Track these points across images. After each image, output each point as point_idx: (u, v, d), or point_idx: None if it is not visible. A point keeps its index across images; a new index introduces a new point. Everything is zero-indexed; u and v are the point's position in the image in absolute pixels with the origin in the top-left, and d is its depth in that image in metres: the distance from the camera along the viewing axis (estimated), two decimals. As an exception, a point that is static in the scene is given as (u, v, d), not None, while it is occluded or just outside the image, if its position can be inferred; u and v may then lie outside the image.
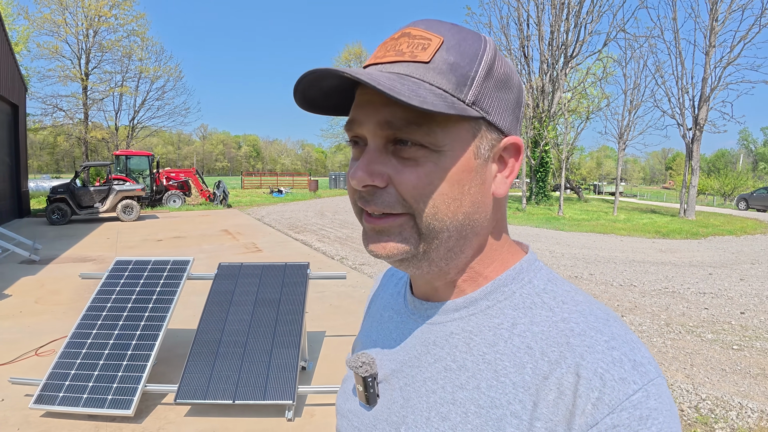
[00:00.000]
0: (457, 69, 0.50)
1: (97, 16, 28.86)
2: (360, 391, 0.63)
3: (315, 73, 0.49)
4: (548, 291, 0.56)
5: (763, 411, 3.55)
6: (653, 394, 0.46)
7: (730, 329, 5.49)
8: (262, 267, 4.17)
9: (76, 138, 31.14)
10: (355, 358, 0.64)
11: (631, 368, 0.46)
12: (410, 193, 0.51)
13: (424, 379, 0.57)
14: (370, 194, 0.53)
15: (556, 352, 0.49)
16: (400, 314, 0.66)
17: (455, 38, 0.51)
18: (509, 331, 0.53)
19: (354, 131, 0.54)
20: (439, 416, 0.54)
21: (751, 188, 38.54)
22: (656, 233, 15.08)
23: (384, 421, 0.60)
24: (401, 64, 0.51)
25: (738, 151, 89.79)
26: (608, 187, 49.09)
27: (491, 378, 0.52)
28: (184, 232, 12.29)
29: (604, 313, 0.53)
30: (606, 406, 0.45)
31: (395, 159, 0.52)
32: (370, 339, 0.69)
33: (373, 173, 0.51)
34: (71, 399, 3.16)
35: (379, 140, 0.52)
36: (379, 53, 0.54)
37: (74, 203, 14.11)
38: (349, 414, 0.66)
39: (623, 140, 24.70)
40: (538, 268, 0.59)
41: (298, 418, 3.28)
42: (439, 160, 0.51)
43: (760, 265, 9.79)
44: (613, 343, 0.48)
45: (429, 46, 0.51)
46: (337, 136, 52.38)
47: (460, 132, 0.51)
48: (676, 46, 21.29)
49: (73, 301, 5.94)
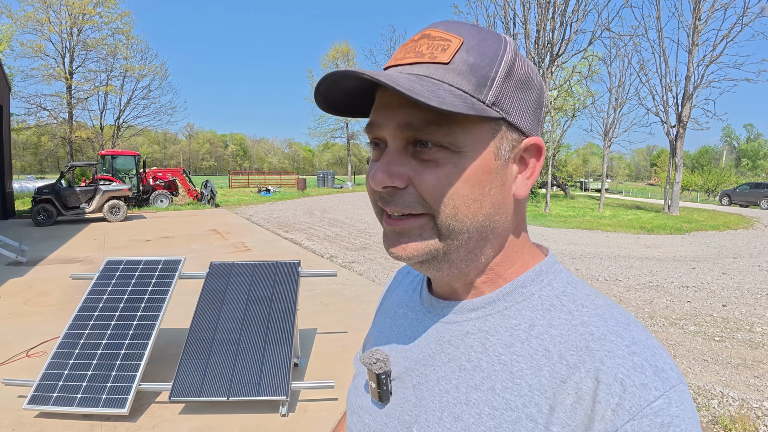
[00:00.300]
0: (477, 70, 0.50)
1: (81, 14, 28.49)
2: (373, 388, 0.63)
3: (335, 74, 0.50)
4: (568, 294, 0.55)
5: (744, 400, 3.67)
6: (675, 400, 0.45)
7: (712, 321, 5.64)
8: (254, 265, 4.21)
9: (61, 138, 30.71)
10: (369, 354, 0.63)
11: (652, 374, 0.46)
12: (430, 194, 0.51)
13: (438, 378, 0.56)
14: (390, 195, 0.52)
15: (575, 356, 0.49)
16: (416, 312, 0.65)
17: (475, 39, 0.51)
18: (526, 332, 0.53)
19: (374, 133, 0.54)
20: (452, 416, 0.53)
21: (734, 184, 39.17)
22: (641, 229, 15.31)
23: (396, 420, 0.60)
24: (421, 65, 0.51)
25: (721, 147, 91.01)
26: (594, 184, 49.55)
27: (507, 379, 0.51)
28: (173, 232, 12.24)
29: (624, 317, 0.52)
30: (626, 413, 0.44)
31: (415, 160, 0.51)
32: (384, 336, 0.69)
33: (393, 174, 0.51)
34: (65, 399, 3.18)
35: (399, 142, 0.52)
36: (399, 55, 0.53)
37: (60, 204, 13.97)
38: (360, 410, 0.66)
39: (609, 137, 25.01)
40: (558, 271, 0.58)
41: (292, 414, 3.34)
42: (459, 161, 0.50)
43: (742, 259, 10.01)
44: (634, 348, 0.48)
45: (449, 47, 0.51)
46: (324, 135, 52.21)
47: (480, 133, 0.51)
48: (659, 45, 21.62)
49: (62, 303, 5.92)
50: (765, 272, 8.52)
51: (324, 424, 3.23)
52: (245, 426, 3.18)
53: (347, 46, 51.74)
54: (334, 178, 40.00)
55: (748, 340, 5.00)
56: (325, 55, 52.23)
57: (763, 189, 26.83)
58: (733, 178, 46.68)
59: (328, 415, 3.33)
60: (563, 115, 30.03)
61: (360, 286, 6.92)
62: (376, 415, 0.63)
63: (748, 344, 4.90)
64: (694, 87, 20.69)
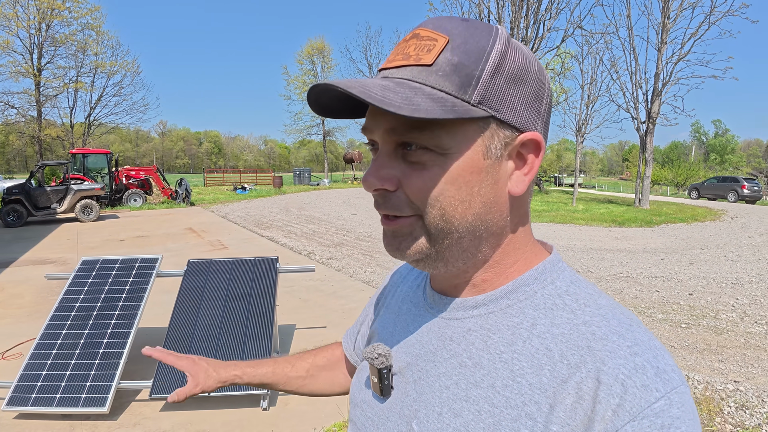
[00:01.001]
0: (461, 69, 0.49)
1: (49, 9, 27.78)
2: (374, 382, 0.63)
3: (316, 87, 0.51)
4: (571, 293, 0.55)
5: (709, 382, 3.84)
6: (676, 402, 0.44)
7: (679, 309, 5.85)
8: (232, 262, 4.23)
9: (29, 136, 29.95)
10: (371, 349, 0.63)
11: (653, 375, 0.45)
12: (417, 196, 0.52)
13: (438, 374, 0.57)
14: (382, 197, 0.54)
15: (577, 356, 0.48)
16: (418, 307, 0.66)
17: (461, 36, 0.50)
18: (528, 331, 0.53)
19: (368, 135, 0.55)
20: (451, 412, 0.53)
21: (702, 178, 40.17)
22: (613, 222, 15.65)
23: (396, 414, 0.60)
24: (406, 68, 0.51)
25: (690, 143, 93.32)
26: (568, 179, 50.28)
27: (507, 377, 0.51)
28: (147, 232, 12.09)
29: (627, 318, 0.52)
30: (627, 414, 0.44)
31: (404, 163, 0.52)
32: (387, 330, 0.69)
33: (383, 178, 0.52)
34: (44, 399, 3.16)
35: (388, 145, 0.53)
36: (390, 57, 0.54)
37: (30, 204, 13.65)
38: (362, 404, 0.66)
39: (581, 133, 25.45)
40: (561, 269, 0.58)
41: (273, 407, 3.38)
42: (445, 162, 0.51)
43: (709, 250, 10.34)
44: (635, 349, 0.47)
45: (434, 48, 0.50)
46: (300, 132, 51.86)
47: (466, 133, 0.51)
48: (630, 43, 22.09)
49: (36, 304, 5.84)
50: (730, 262, 8.83)
51: (305, 417, 3.28)
52: (227, 420, 3.21)
53: (323, 42, 51.46)
54: (310, 175, 39.85)
55: (713, 327, 5.21)
56: (300, 51, 51.85)
57: (730, 183, 27.62)
58: (702, 172, 47.85)
59: (308, 408, 3.39)
60: (537, 111, 30.35)
61: (338, 282, 6.97)
62: (377, 409, 0.63)
63: (713, 330, 5.11)
64: (663, 84, 21.20)
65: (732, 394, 3.67)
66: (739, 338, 4.88)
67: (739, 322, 5.39)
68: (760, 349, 4.59)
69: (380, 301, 0.80)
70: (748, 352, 4.53)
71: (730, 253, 9.84)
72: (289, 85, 51.19)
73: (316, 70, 50.75)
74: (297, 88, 50.03)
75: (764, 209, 21.82)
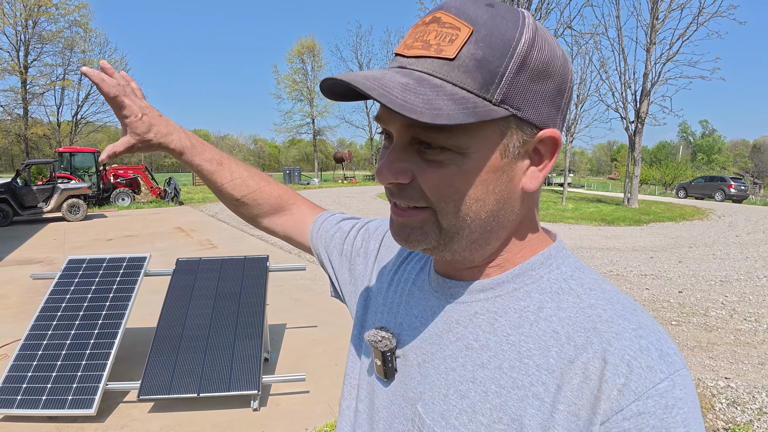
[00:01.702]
0: (485, 65, 0.47)
1: (36, 5, 27.45)
2: (378, 365, 0.63)
3: (327, 81, 0.49)
4: (576, 278, 0.55)
5: (700, 379, 3.85)
6: (679, 384, 0.45)
7: (669, 307, 5.88)
8: (222, 261, 4.18)
9: (15, 135, 29.61)
10: (374, 332, 0.63)
11: (658, 357, 0.46)
12: (432, 192, 0.51)
13: (444, 356, 0.57)
14: (396, 188, 0.53)
15: (583, 337, 0.49)
16: (423, 290, 0.66)
17: (487, 27, 0.47)
18: (535, 314, 0.53)
19: (382, 125, 0.53)
20: (457, 394, 0.54)
21: (689, 178, 40.61)
22: (602, 221, 15.75)
23: (401, 397, 0.60)
24: (426, 59, 0.48)
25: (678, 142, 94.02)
26: (557, 179, 50.55)
27: (514, 359, 0.51)
28: (135, 231, 11.96)
29: (630, 303, 0.53)
30: (632, 393, 0.45)
31: (419, 157, 0.51)
32: (391, 313, 0.68)
33: (397, 171, 0.51)
34: (30, 401, 3.10)
35: (404, 139, 0.51)
36: (408, 40, 0.51)
37: (16, 203, 13.44)
38: (367, 387, 0.67)
39: (571, 133, 25.58)
40: (566, 256, 0.58)
41: (263, 408, 3.34)
42: (463, 162, 0.49)
43: (697, 248, 10.43)
44: (640, 332, 0.48)
45: (456, 39, 0.47)
46: (290, 131, 51.68)
47: (486, 133, 0.49)
48: (619, 43, 22.29)
49: (22, 304, 5.74)
50: (719, 260, 8.91)
51: (296, 417, 3.24)
52: (217, 422, 3.16)
53: (313, 41, 51.24)
54: (300, 175, 39.72)
55: (703, 324, 5.24)
56: (291, 50, 51.58)
57: (718, 182, 27.90)
58: (689, 171, 48.30)
59: (300, 408, 3.35)
60: (527, 110, 30.51)
61: (328, 281, 6.92)
62: (381, 393, 0.64)
63: (703, 327, 5.14)
64: (652, 84, 21.38)
65: (723, 390, 3.68)
66: (728, 335, 4.91)
67: (729, 319, 5.42)
68: (749, 346, 4.62)
69: (376, 255, 0.79)
70: (737, 348, 4.56)
71: (718, 251, 9.93)
72: (279, 83, 51.11)
73: (306, 69, 50.57)
74: (287, 87, 49.84)
75: (751, 208, 22.08)
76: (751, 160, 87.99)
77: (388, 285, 0.72)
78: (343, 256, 0.85)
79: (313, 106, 49.63)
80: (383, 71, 0.49)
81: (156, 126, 0.84)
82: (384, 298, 0.72)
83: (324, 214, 0.94)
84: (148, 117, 0.83)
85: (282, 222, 0.95)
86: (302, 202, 0.98)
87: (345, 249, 0.85)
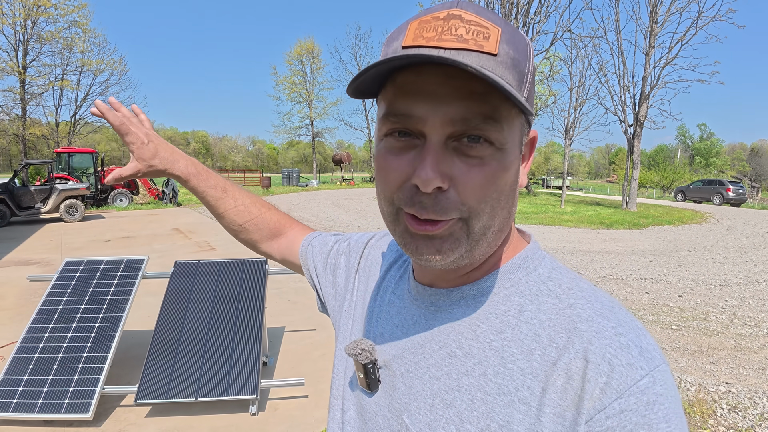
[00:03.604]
0: (517, 65, 0.48)
1: (35, 5, 27.37)
2: (360, 378, 0.63)
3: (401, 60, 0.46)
4: (553, 279, 0.55)
5: (701, 384, 3.83)
6: (659, 380, 0.46)
7: (669, 311, 5.86)
8: (220, 264, 4.15)
9: (13, 135, 29.47)
10: (353, 345, 0.62)
11: (638, 354, 0.47)
12: (474, 196, 0.48)
13: (428, 365, 0.56)
14: (430, 199, 0.48)
15: (564, 338, 0.49)
16: (403, 300, 0.65)
17: (509, 29, 0.49)
18: (516, 318, 0.53)
19: (408, 125, 0.48)
20: (443, 403, 0.53)
21: (688, 181, 40.70)
22: (601, 224, 15.75)
23: (386, 408, 0.59)
24: (468, 53, 0.45)
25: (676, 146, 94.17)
26: (556, 182, 50.63)
27: (498, 365, 0.51)
28: (133, 232, 11.92)
29: (609, 300, 0.53)
30: (614, 391, 0.45)
31: (458, 158, 0.48)
32: (371, 323, 0.68)
33: (443, 174, 0.47)
34: (26, 405, 3.06)
35: (442, 137, 0.47)
36: (429, 34, 0.47)
37: (14, 204, 13.39)
38: (351, 399, 0.66)
39: (569, 136, 25.61)
40: (542, 257, 0.59)
41: (262, 413, 3.31)
42: (502, 158, 0.49)
43: (696, 252, 10.42)
44: (620, 330, 0.48)
45: (491, 36, 0.46)
46: (289, 132, 51.68)
47: (516, 128, 0.50)
48: (618, 47, 22.32)
49: (18, 306, 5.70)
50: (718, 264, 8.90)
51: (295, 422, 3.21)
52: (215, 426, 3.13)
53: (312, 42, 51.35)
54: (299, 176, 39.66)
55: (704, 328, 5.22)
56: (290, 51, 51.64)
57: (716, 186, 27.95)
58: (687, 175, 48.45)
59: (298, 413, 3.32)
60: (526, 113, 30.56)
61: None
62: (366, 404, 0.63)
63: (703, 332, 5.12)
64: (651, 87, 21.41)
65: (724, 396, 3.66)
66: (729, 340, 4.89)
67: (729, 323, 5.41)
68: (750, 351, 4.60)
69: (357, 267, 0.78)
70: (738, 353, 4.54)
71: (717, 255, 9.92)
72: (278, 85, 51.12)
73: (305, 71, 50.66)
74: (286, 88, 49.90)
75: (749, 212, 22.11)
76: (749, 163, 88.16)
77: (370, 296, 0.72)
78: (327, 269, 0.85)
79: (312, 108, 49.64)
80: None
81: (162, 153, 0.90)
82: (364, 308, 0.71)
83: (314, 233, 0.95)
84: (154, 144, 0.89)
85: (278, 245, 0.98)
86: (296, 225, 1.00)
87: (329, 262, 0.85)
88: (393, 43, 0.50)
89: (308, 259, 0.90)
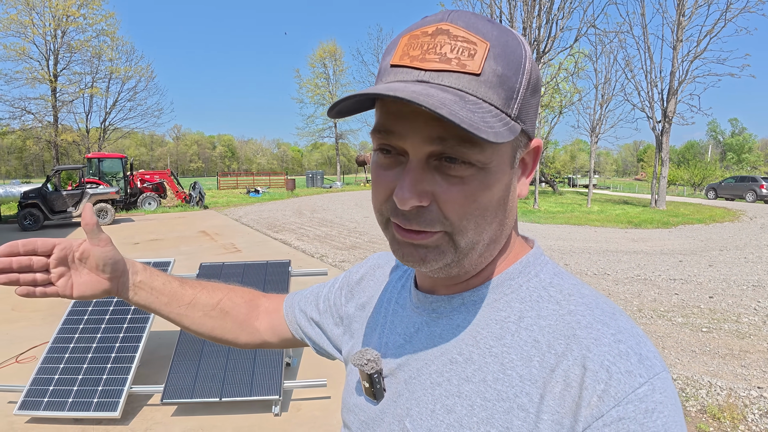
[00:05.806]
0: (506, 81, 0.47)
1: (65, 15, 28.14)
2: (366, 387, 0.63)
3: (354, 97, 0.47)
4: (555, 285, 0.55)
5: (732, 389, 3.72)
6: (659, 387, 0.45)
7: (700, 313, 5.71)
8: (244, 266, 4.21)
9: (46, 141, 30.31)
10: (359, 355, 0.63)
11: (637, 362, 0.46)
12: (455, 212, 0.49)
13: (430, 372, 0.57)
14: (413, 213, 0.50)
15: (563, 345, 0.49)
16: (405, 308, 0.66)
17: (500, 43, 0.47)
18: (516, 324, 0.53)
19: (391, 142, 0.50)
20: (444, 409, 0.54)
21: (719, 178, 39.59)
22: (629, 223, 15.46)
23: (390, 415, 0.60)
24: (449, 74, 0.46)
25: (707, 142, 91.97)
26: (582, 180, 49.91)
27: (498, 371, 0.51)
28: (161, 235, 12.17)
29: (610, 307, 0.52)
30: (612, 399, 0.44)
31: (439, 175, 0.49)
32: (377, 334, 0.68)
33: (421, 193, 0.48)
34: (56, 404, 3.15)
35: (422, 156, 0.48)
36: (414, 52, 0.48)
37: (47, 208, 13.83)
38: (355, 408, 0.67)
39: (596, 133, 25.22)
40: (544, 262, 0.59)
41: (284, 413, 3.34)
42: (485, 177, 0.49)
43: (728, 251, 10.14)
44: (619, 336, 0.48)
45: (476, 53, 0.46)
46: (313, 135, 52.05)
47: (504, 147, 0.50)
48: (644, 41, 21.83)
49: (50, 308, 5.87)
50: (751, 264, 8.64)
51: (317, 422, 3.23)
52: (238, 426, 3.17)
53: (334, 45, 51.65)
54: (323, 178, 39.92)
55: (735, 331, 5.08)
56: (312, 54, 52.05)
57: (748, 182, 27.13)
58: (719, 172, 47.16)
59: (321, 413, 3.34)
60: (550, 111, 30.20)
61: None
62: (370, 412, 0.63)
63: (734, 334, 4.98)
64: (679, 82, 20.91)
65: (756, 400, 3.55)
66: (762, 342, 4.75)
67: (762, 325, 5.24)
68: (784, 354, 4.46)
69: (356, 291, 0.79)
70: (772, 356, 4.40)
71: (750, 255, 9.63)
72: (302, 88, 51.53)
73: (328, 73, 50.95)
74: (309, 91, 50.25)
75: (784, 209, 21.42)
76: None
77: (374, 309, 0.72)
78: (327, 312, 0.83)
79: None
80: (420, 86, 0.46)
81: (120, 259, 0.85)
82: (369, 320, 0.72)
83: (291, 293, 0.93)
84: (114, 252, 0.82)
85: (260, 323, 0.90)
86: (264, 295, 0.95)
87: (332, 299, 0.83)
88: (386, 58, 0.51)
89: (296, 310, 0.87)
